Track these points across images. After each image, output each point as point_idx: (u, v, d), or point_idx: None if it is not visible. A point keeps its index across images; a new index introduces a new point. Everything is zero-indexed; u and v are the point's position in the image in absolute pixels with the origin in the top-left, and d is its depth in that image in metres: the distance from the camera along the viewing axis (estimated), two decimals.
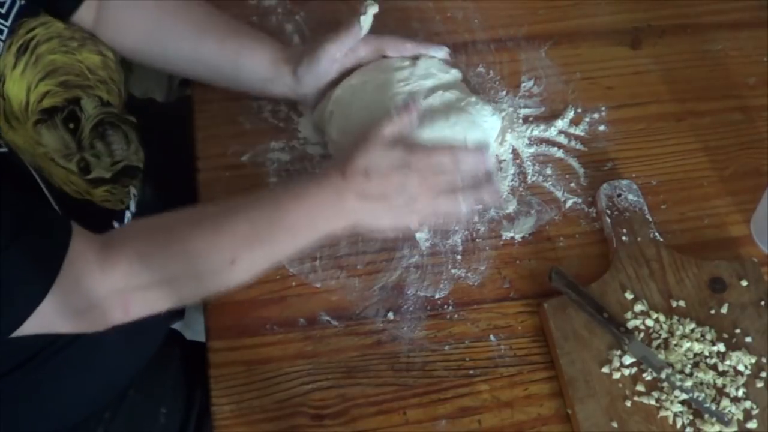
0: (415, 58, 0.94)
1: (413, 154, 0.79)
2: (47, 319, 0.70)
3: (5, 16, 0.80)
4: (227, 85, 0.96)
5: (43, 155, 0.82)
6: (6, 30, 0.79)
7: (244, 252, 0.76)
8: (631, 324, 0.82)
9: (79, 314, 0.73)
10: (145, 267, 0.73)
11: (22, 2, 0.81)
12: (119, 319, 0.74)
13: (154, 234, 0.75)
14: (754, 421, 0.77)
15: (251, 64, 0.93)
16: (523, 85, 1.02)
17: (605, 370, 0.79)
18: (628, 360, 0.80)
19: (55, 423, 0.89)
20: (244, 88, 0.96)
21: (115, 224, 0.86)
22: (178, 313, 1.07)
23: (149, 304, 0.75)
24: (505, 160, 0.96)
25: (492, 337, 0.83)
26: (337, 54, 0.91)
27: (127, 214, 0.89)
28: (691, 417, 0.77)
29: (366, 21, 0.88)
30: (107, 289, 0.72)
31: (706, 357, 0.81)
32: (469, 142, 0.88)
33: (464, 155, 0.81)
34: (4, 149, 0.76)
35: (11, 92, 0.80)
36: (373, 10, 0.88)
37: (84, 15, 0.90)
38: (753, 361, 0.80)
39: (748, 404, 0.78)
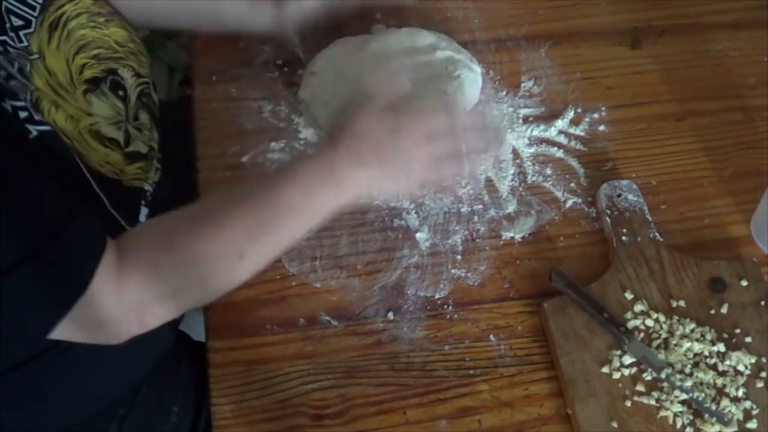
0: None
1: (405, 117, 0.79)
2: (63, 332, 0.71)
3: None
4: (211, 29, 0.99)
5: (86, 129, 0.82)
6: (38, 6, 0.81)
7: (250, 245, 0.76)
8: (631, 324, 0.82)
9: (95, 328, 0.73)
10: (157, 279, 0.73)
11: None
12: (135, 332, 0.75)
13: (161, 243, 0.75)
14: (754, 421, 0.77)
15: (231, 2, 0.95)
16: (523, 85, 1.02)
17: (605, 370, 0.79)
18: (628, 360, 0.80)
19: (69, 417, 0.89)
20: (228, 28, 0.99)
21: (141, 204, 0.89)
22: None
23: (164, 313, 0.75)
24: (505, 160, 0.96)
25: (492, 337, 0.83)
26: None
27: (146, 193, 0.91)
28: (691, 417, 0.77)
29: None
30: (123, 305, 0.72)
31: (706, 357, 0.81)
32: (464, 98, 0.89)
33: (459, 116, 0.82)
34: (46, 126, 0.76)
35: (54, 66, 0.81)
36: None
37: None
38: (753, 361, 0.80)
39: (748, 404, 0.78)
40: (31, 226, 0.68)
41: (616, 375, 0.79)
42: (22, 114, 0.74)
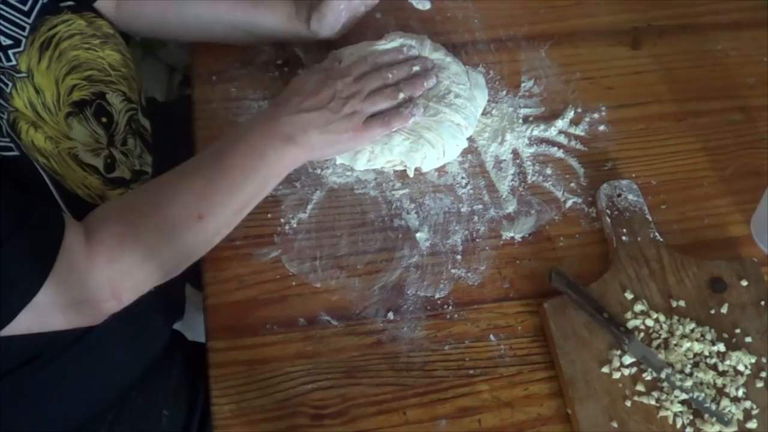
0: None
1: (335, 69, 0.90)
2: (42, 312, 0.71)
3: (27, 14, 0.81)
4: (245, 42, 1.01)
5: (66, 152, 0.82)
6: (28, 27, 0.81)
7: (207, 204, 0.78)
8: (631, 324, 0.82)
9: (73, 307, 0.73)
10: (123, 251, 0.74)
11: (45, 0, 0.82)
12: (113, 307, 0.75)
13: (122, 214, 0.77)
14: (754, 421, 0.77)
15: (268, 22, 0.97)
16: (523, 85, 1.02)
17: (605, 370, 0.79)
18: (628, 360, 0.80)
19: (58, 423, 0.89)
20: (262, 42, 1.01)
21: None
22: (178, 313, 1.07)
23: (138, 285, 0.76)
24: (505, 160, 0.96)
25: (492, 337, 0.83)
26: (341, 4, 0.95)
27: None
28: (691, 417, 0.77)
29: None
30: (95, 279, 0.73)
31: (706, 357, 0.81)
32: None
33: (380, 54, 0.92)
34: (14, 153, 0.76)
35: (42, 85, 0.81)
36: None
37: (106, 2, 0.93)
38: (753, 361, 0.80)
39: (748, 404, 0.78)
40: None
41: (616, 375, 0.79)
42: None
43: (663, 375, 0.79)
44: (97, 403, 0.91)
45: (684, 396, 0.78)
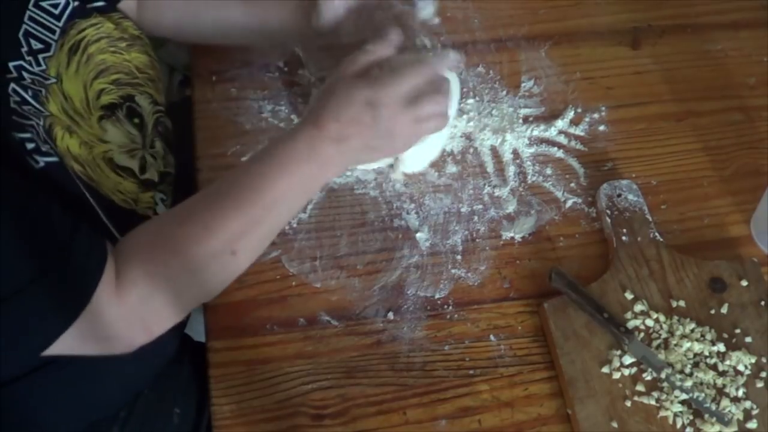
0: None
1: (379, 89, 0.78)
2: (70, 345, 0.71)
3: (58, 17, 0.81)
4: (259, 44, 1.01)
5: (100, 156, 0.82)
6: (58, 30, 0.81)
7: (242, 240, 0.76)
8: (631, 324, 0.82)
9: (104, 342, 0.74)
10: (155, 290, 0.73)
11: (75, 3, 0.82)
12: (143, 341, 0.75)
13: (153, 250, 0.75)
14: (754, 421, 0.77)
15: (278, 24, 0.96)
16: (523, 85, 1.02)
17: (605, 370, 0.79)
18: (628, 360, 0.80)
19: (72, 423, 0.89)
20: (275, 43, 1.01)
21: None
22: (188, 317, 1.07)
23: (168, 320, 0.76)
24: (505, 161, 0.96)
25: (492, 337, 0.83)
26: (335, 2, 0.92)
27: None
28: (691, 417, 0.77)
29: None
30: (127, 320, 0.73)
31: (706, 357, 0.81)
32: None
33: (437, 79, 0.82)
34: (53, 158, 0.75)
35: (70, 90, 0.81)
36: None
37: (128, 3, 0.93)
38: (753, 361, 0.80)
39: (748, 404, 0.78)
40: (35, 247, 0.68)
41: (616, 375, 0.79)
42: (29, 145, 0.74)
43: (663, 375, 0.79)
44: (112, 403, 0.92)
45: (684, 396, 0.78)
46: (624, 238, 0.88)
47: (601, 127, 0.99)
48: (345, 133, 0.77)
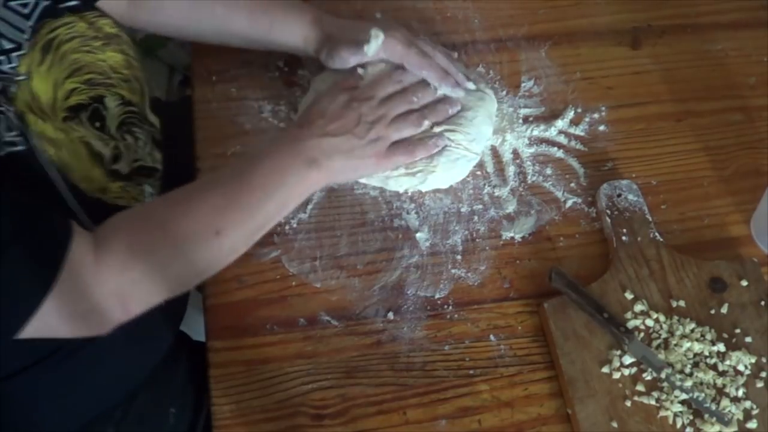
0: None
1: (356, 90, 0.88)
2: (48, 322, 0.70)
3: (28, 17, 0.80)
4: (260, 49, 1.01)
5: (78, 140, 0.83)
6: (29, 30, 0.80)
7: (225, 221, 0.77)
8: (631, 324, 0.82)
9: (79, 317, 0.73)
10: (134, 261, 0.73)
11: (45, 3, 0.82)
12: (120, 318, 0.74)
13: (136, 224, 0.76)
14: (754, 421, 0.77)
15: (283, 39, 0.97)
16: (523, 85, 1.02)
17: (605, 370, 0.79)
18: (628, 360, 0.80)
19: (67, 423, 0.89)
20: (276, 52, 1.02)
21: None
22: (183, 314, 1.07)
23: (147, 296, 0.75)
24: (505, 161, 0.96)
25: (492, 337, 0.83)
26: (350, 60, 0.94)
27: None
28: (691, 417, 0.77)
29: (370, 49, 0.92)
30: (104, 289, 0.72)
31: (706, 357, 0.81)
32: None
33: (404, 76, 0.92)
34: (21, 147, 0.76)
35: (39, 89, 0.81)
36: (377, 39, 0.92)
37: (117, 3, 0.93)
38: (753, 361, 0.80)
39: (748, 404, 0.78)
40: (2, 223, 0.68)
41: (616, 375, 0.79)
42: None
43: (663, 375, 0.79)
44: (106, 402, 0.91)
45: (684, 396, 0.78)
46: (624, 238, 0.88)
47: (601, 127, 0.99)
48: (330, 129, 0.84)
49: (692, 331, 0.82)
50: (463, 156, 0.92)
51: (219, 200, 0.77)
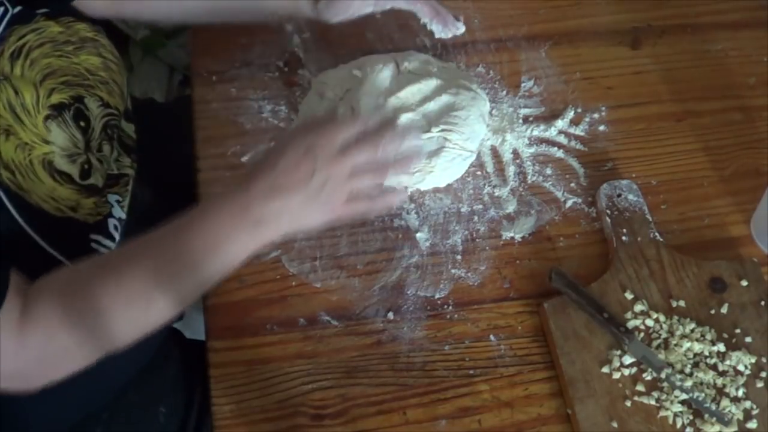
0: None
1: (316, 134, 0.75)
2: None
3: None
4: (249, 21, 1.00)
5: (39, 159, 0.80)
6: None
7: (157, 290, 0.72)
8: (631, 324, 0.82)
9: (2, 377, 0.71)
10: (61, 330, 0.71)
11: (15, 10, 0.81)
12: (41, 383, 0.73)
13: (66, 291, 0.73)
14: (754, 421, 0.77)
15: (273, 2, 0.96)
16: (523, 85, 1.02)
17: (605, 370, 0.79)
18: (628, 360, 0.80)
19: (54, 424, 0.89)
20: (266, 19, 1.00)
21: (95, 237, 0.85)
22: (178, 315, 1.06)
23: (71, 364, 0.73)
24: (505, 161, 0.96)
25: (492, 337, 0.83)
26: (357, 10, 0.94)
27: (111, 222, 0.87)
28: (691, 417, 0.77)
29: None
30: (26, 359, 0.71)
31: (706, 357, 0.81)
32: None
33: (370, 125, 0.78)
34: None
35: (21, 87, 0.80)
36: None
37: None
38: (753, 361, 0.80)
39: (748, 404, 0.78)
40: None
41: (616, 375, 0.79)
42: None
43: (663, 375, 0.79)
44: (94, 402, 0.91)
45: (684, 396, 0.78)
46: (624, 238, 0.88)
47: (601, 127, 0.99)
48: (279, 186, 0.73)
49: (692, 331, 0.82)
50: (458, 155, 0.92)
51: (151, 267, 0.72)
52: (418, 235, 0.89)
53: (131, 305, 0.73)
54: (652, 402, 0.78)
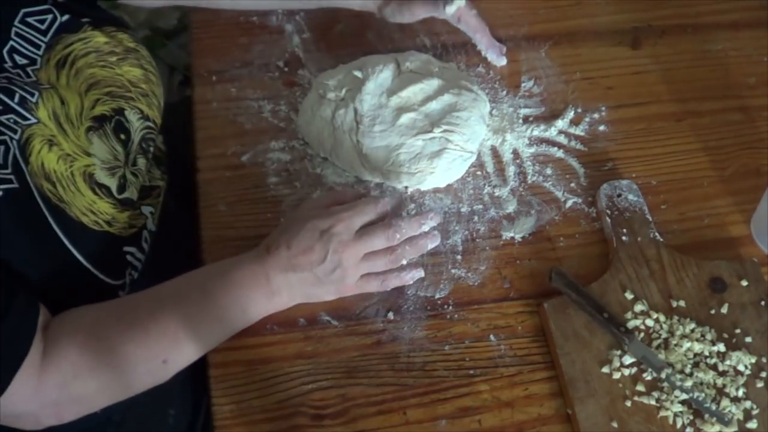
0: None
1: (334, 220, 0.80)
2: None
3: (45, 32, 0.80)
4: (303, 7, 1.03)
5: (80, 171, 0.80)
6: (44, 45, 0.80)
7: (175, 351, 0.77)
8: (631, 324, 0.82)
9: (12, 419, 0.74)
10: (78, 379, 0.74)
11: (64, 18, 0.82)
12: (53, 423, 0.75)
13: (84, 343, 0.75)
14: (754, 421, 0.77)
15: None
16: (523, 85, 1.02)
17: (605, 370, 0.79)
18: (628, 360, 0.80)
19: (66, 428, 0.89)
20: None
21: (129, 249, 0.87)
22: None
23: (84, 409, 0.76)
24: (505, 161, 0.96)
25: (492, 337, 0.83)
26: (420, 16, 0.97)
27: (144, 234, 0.89)
28: (691, 417, 0.77)
29: (451, 9, 0.98)
30: (41, 402, 0.73)
31: (706, 357, 0.81)
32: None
33: (389, 209, 0.84)
34: (13, 185, 0.74)
35: (67, 97, 0.80)
36: (459, 2, 0.96)
37: None
38: (753, 361, 0.80)
39: (748, 404, 0.78)
40: None
41: (616, 375, 0.79)
42: None
43: (663, 375, 0.79)
44: (107, 407, 0.91)
45: (684, 396, 0.78)
46: (624, 238, 0.88)
47: (601, 127, 0.99)
48: (294, 262, 0.79)
49: (692, 331, 0.82)
50: (459, 156, 0.92)
51: (173, 330, 0.76)
52: None
53: (147, 364, 0.77)
54: (652, 402, 0.78)
